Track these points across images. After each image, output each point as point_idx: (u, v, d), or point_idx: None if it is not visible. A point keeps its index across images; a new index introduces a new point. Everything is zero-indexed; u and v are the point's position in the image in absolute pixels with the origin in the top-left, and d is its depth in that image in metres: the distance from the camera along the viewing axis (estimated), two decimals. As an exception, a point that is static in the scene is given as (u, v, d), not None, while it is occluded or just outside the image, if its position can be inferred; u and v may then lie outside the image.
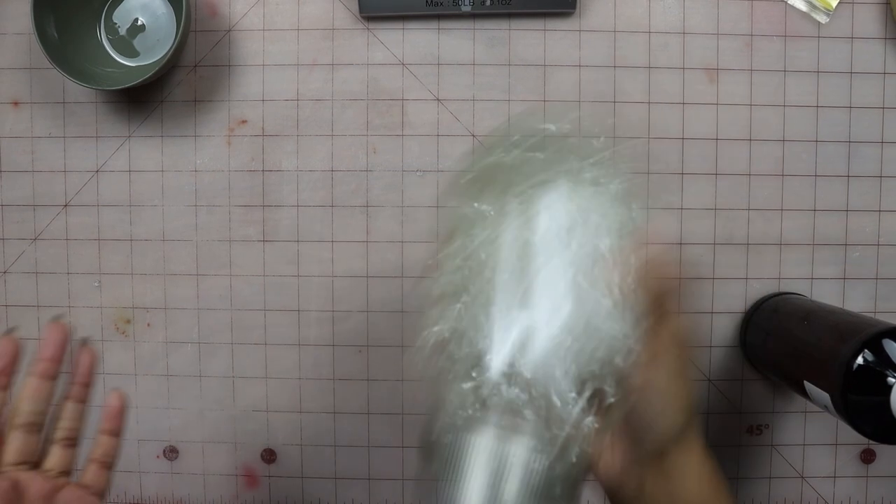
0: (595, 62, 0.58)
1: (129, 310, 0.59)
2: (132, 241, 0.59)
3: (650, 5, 0.58)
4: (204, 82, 0.58)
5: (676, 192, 0.59)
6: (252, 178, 0.58)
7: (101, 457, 0.40)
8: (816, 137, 0.58)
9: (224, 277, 0.58)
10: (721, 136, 0.58)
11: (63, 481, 0.37)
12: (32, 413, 0.37)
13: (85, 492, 0.38)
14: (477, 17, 0.58)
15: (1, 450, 0.36)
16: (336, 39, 0.58)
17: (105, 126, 0.58)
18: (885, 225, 0.59)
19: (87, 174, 0.58)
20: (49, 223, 0.59)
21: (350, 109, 0.58)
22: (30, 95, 0.58)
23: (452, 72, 0.58)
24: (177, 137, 0.58)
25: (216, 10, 0.58)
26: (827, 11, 0.57)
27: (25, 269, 0.59)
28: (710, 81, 0.58)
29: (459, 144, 0.58)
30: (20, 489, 0.35)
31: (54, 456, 0.38)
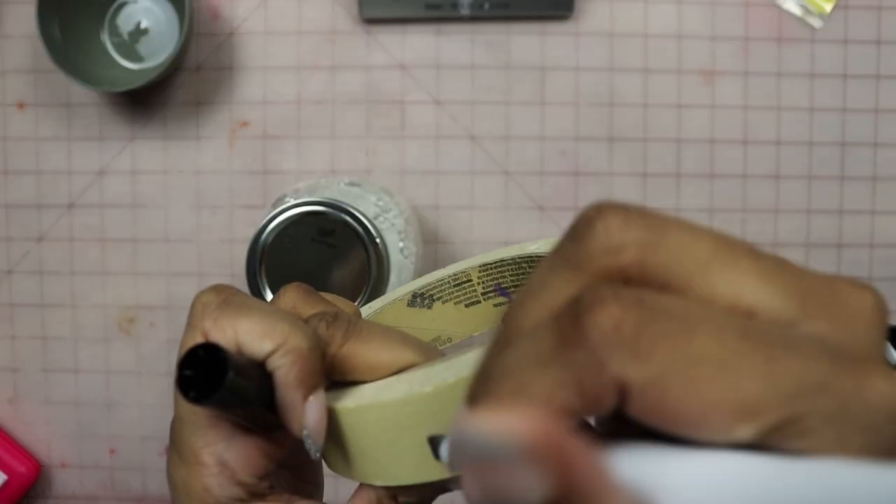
0: (592, 65, 0.59)
1: (133, 309, 0.60)
2: (135, 241, 0.59)
3: (646, 9, 0.58)
4: (206, 85, 0.59)
5: (673, 193, 0.59)
6: (254, 179, 0.59)
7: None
8: (811, 140, 0.59)
9: (226, 277, 0.59)
10: (716, 139, 0.59)
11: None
12: None
13: None
14: (475, 21, 0.58)
15: None
16: (336, 42, 0.59)
17: (109, 128, 0.59)
18: (878, 226, 0.60)
19: (91, 175, 0.59)
20: (53, 224, 0.59)
21: (350, 111, 0.59)
22: (35, 97, 0.59)
23: (451, 74, 0.59)
24: (179, 139, 0.59)
25: (218, 14, 0.59)
26: (821, 16, 0.58)
27: (30, 268, 0.59)
28: (705, 84, 0.59)
29: (459, 146, 0.59)
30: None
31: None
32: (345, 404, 0.26)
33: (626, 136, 0.59)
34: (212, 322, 0.27)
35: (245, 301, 0.27)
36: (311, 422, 0.26)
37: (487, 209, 0.59)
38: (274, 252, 0.47)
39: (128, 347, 0.60)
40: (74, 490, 0.60)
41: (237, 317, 0.26)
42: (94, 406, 0.60)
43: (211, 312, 0.27)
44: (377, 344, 0.27)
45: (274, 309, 0.27)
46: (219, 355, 0.24)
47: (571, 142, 0.59)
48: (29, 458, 0.58)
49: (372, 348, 0.27)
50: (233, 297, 0.27)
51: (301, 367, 0.25)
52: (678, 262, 0.16)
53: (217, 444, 0.27)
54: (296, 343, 0.26)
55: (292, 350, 0.25)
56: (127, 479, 0.60)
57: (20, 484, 0.58)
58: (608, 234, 0.16)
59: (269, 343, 0.26)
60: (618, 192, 0.59)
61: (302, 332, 0.26)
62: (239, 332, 0.26)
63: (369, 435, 0.26)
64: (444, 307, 0.37)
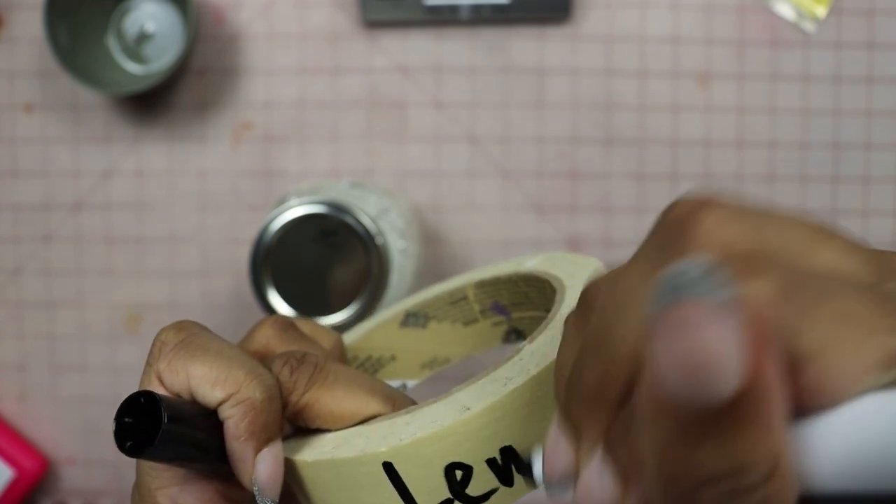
0: (589, 68, 0.60)
1: (139, 308, 0.61)
2: (141, 241, 0.60)
3: (643, 13, 0.59)
4: (210, 87, 0.60)
5: (669, 194, 0.60)
6: (257, 180, 0.60)
7: None
8: (804, 142, 0.60)
9: (230, 277, 0.60)
10: (711, 141, 0.60)
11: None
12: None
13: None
14: (475, 25, 0.59)
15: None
16: (338, 46, 0.60)
17: (115, 130, 0.60)
18: (871, 226, 0.61)
19: (97, 176, 0.60)
20: (60, 224, 0.60)
21: (352, 113, 0.60)
22: (42, 100, 0.60)
23: (451, 77, 0.60)
24: (184, 141, 0.60)
25: (222, 18, 0.59)
26: (814, 21, 0.59)
27: (38, 268, 0.60)
28: (701, 87, 0.60)
29: (458, 148, 0.60)
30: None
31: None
32: (303, 457, 0.25)
33: (623, 138, 0.60)
34: (166, 364, 0.25)
35: (204, 343, 0.26)
36: (262, 476, 0.24)
37: (486, 210, 0.60)
38: (277, 252, 0.48)
39: (134, 346, 0.61)
40: (82, 486, 0.61)
41: (191, 361, 0.25)
42: (100, 403, 0.61)
43: (167, 353, 0.26)
44: (341, 392, 0.26)
45: (233, 353, 0.26)
46: (156, 404, 0.23)
47: (569, 143, 0.60)
48: (37, 455, 0.59)
49: (335, 397, 0.26)
50: (193, 338, 0.26)
51: (252, 419, 0.24)
52: (783, 249, 0.16)
53: (171, 487, 0.26)
54: (248, 393, 0.24)
55: (244, 400, 0.24)
56: (133, 475, 0.61)
57: (28, 480, 0.59)
58: (718, 229, 0.16)
59: (221, 391, 0.24)
60: (615, 193, 0.60)
61: (258, 381, 0.25)
62: (191, 378, 0.25)
63: (329, 490, 0.25)
64: (441, 326, 0.35)
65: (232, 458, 0.25)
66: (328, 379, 0.26)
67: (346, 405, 0.26)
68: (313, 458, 0.25)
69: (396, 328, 0.35)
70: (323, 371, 0.26)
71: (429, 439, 0.23)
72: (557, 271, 0.30)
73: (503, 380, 0.24)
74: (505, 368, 0.24)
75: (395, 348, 0.35)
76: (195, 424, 0.25)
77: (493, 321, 0.34)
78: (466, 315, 0.35)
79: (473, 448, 0.23)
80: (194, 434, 0.24)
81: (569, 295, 0.28)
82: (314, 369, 0.26)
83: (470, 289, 0.34)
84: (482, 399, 0.23)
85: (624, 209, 0.60)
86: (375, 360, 0.35)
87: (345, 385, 0.26)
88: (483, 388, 0.24)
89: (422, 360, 0.35)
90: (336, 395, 0.26)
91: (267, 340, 0.28)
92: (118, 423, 0.24)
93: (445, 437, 0.23)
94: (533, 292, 0.32)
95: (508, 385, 0.23)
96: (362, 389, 0.26)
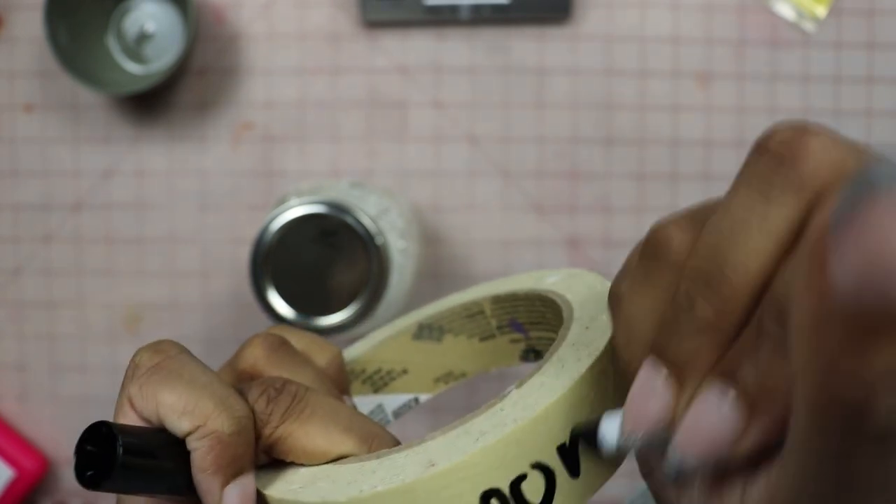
0: (589, 68, 0.60)
1: (139, 308, 0.61)
2: (141, 241, 0.60)
3: (643, 13, 0.59)
4: (210, 87, 0.60)
5: (669, 194, 0.60)
6: (257, 180, 0.60)
7: None
8: (804, 142, 0.60)
9: (230, 277, 0.60)
10: (712, 141, 0.60)
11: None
12: None
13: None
14: (475, 25, 0.59)
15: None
16: (338, 46, 0.60)
17: (115, 130, 0.60)
18: (871, 227, 0.61)
19: (97, 176, 0.60)
20: (60, 224, 0.60)
21: (352, 114, 0.60)
22: (42, 100, 0.60)
23: (451, 77, 0.60)
24: (184, 141, 0.60)
25: (222, 18, 0.60)
26: (814, 21, 0.59)
27: (38, 268, 0.60)
28: (701, 87, 0.60)
29: (458, 148, 0.60)
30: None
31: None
32: (271, 492, 0.24)
33: (623, 138, 0.60)
34: (137, 388, 0.25)
35: (178, 368, 0.25)
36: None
37: (486, 210, 0.60)
38: (277, 252, 0.48)
39: (134, 346, 0.60)
40: (81, 486, 0.61)
41: (162, 387, 0.24)
42: (100, 403, 0.61)
43: (139, 377, 0.25)
44: (316, 428, 0.25)
45: (206, 381, 0.25)
46: (113, 435, 0.22)
47: (569, 143, 0.60)
48: (37, 455, 0.59)
49: (308, 433, 0.25)
50: (167, 362, 0.25)
51: (219, 453, 0.24)
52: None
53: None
54: (216, 426, 0.24)
55: (211, 433, 0.24)
56: (132, 474, 0.61)
57: (28, 480, 0.59)
58: (826, 151, 0.16)
59: (188, 422, 0.24)
60: (615, 193, 0.60)
61: (227, 413, 0.24)
62: (160, 405, 0.24)
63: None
64: (457, 340, 0.33)
65: (199, 490, 0.24)
66: (304, 412, 0.25)
67: (318, 442, 0.25)
68: (280, 495, 0.24)
69: (409, 340, 0.34)
70: (300, 403, 0.25)
71: (388, 494, 0.22)
72: (572, 296, 0.29)
73: (477, 433, 0.22)
74: (483, 418, 0.23)
75: (408, 362, 0.34)
76: (162, 454, 0.24)
77: (511, 338, 0.33)
78: (483, 330, 0.33)
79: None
80: (160, 464, 0.24)
81: (573, 330, 0.26)
82: (291, 401, 0.25)
83: (486, 303, 0.33)
84: (450, 454, 0.22)
85: (624, 209, 0.60)
86: (385, 372, 0.34)
87: (321, 420, 0.25)
88: (455, 441, 0.23)
89: (436, 375, 0.34)
90: (310, 431, 0.25)
91: (255, 360, 0.27)
92: (79, 452, 0.23)
93: (404, 493, 0.22)
94: (549, 313, 0.31)
95: (479, 441, 0.22)
96: (339, 427, 0.25)
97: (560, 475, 0.22)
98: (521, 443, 0.22)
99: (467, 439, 0.22)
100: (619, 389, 0.23)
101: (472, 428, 0.23)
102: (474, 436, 0.22)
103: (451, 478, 0.21)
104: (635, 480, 0.63)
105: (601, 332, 0.25)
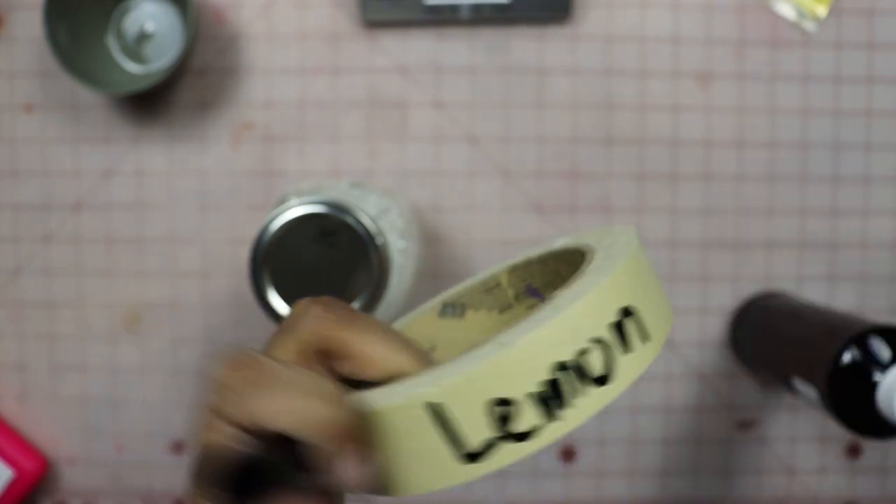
0: (589, 68, 0.60)
1: (139, 308, 0.61)
2: (141, 241, 0.60)
3: (643, 13, 0.59)
4: (210, 87, 0.60)
5: (669, 194, 0.60)
6: (257, 180, 0.60)
7: None
8: (804, 142, 0.60)
9: (230, 277, 0.60)
10: (712, 141, 0.60)
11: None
12: None
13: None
14: (475, 25, 0.59)
15: None
16: (338, 46, 0.60)
17: (115, 130, 0.60)
18: (871, 226, 0.61)
19: (97, 176, 0.60)
20: (60, 224, 0.60)
21: (352, 114, 0.60)
22: (42, 100, 0.60)
23: (451, 77, 0.60)
24: (184, 141, 0.60)
25: (222, 18, 0.59)
26: (815, 20, 0.59)
27: (38, 268, 0.60)
28: (701, 87, 0.60)
29: (458, 148, 0.60)
30: None
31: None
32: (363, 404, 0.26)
33: (623, 138, 0.60)
34: (228, 402, 0.25)
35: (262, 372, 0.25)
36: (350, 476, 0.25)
37: (486, 210, 0.60)
38: (277, 252, 0.48)
39: (134, 346, 0.61)
40: (81, 486, 0.61)
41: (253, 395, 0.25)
42: (100, 403, 0.61)
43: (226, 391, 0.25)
44: (375, 338, 0.27)
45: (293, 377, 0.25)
46: (259, 465, 0.24)
47: (569, 144, 0.60)
48: (36, 455, 0.59)
49: (367, 341, 0.27)
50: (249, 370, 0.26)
51: (331, 436, 0.25)
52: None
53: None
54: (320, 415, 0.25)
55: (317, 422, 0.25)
56: (133, 475, 0.61)
57: (28, 480, 0.59)
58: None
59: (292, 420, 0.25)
60: (615, 193, 0.60)
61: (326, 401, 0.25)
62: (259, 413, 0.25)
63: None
64: (477, 315, 0.35)
65: (318, 470, 0.25)
66: (360, 322, 0.27)
67: (378, 351, 0.26)
68: (372, 400, 0.25)
69: (435, 318, 0.35)
70: (357, 315, 0.27)
71: (475, 375, 0.23)
72: (588, 240, 0.31)
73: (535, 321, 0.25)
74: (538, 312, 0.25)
75: (435, 338, 0.35)
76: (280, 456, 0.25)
77: (528, 304, 0.35)
78: (501, 302, 0.35)
79: (518, 380, 0.23)
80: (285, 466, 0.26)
81: (598, 255, 0.28)
82: (347, 311, 0.27)
83: (503, 275, 0.35)
84: (521, 333, 0.24)
85: (624, 209, 0.60)
86: None
87: (379, 333, 0.27)
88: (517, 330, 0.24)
89: (461, 349, 0.35)
90: (368, 340, 0.27)
91: (318, 323, 0.27)
92: (225, 483, 0.25)
93: (489, 372, 0.23)
94: (563, 268, 0.33)
95: (545, 319, 0.24)
96: (397, 342, 0.27)
97: (616, 349, 0.25)
98: (579, 318, 0.24)
99: (528, 325, 0.24)
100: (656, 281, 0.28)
101: (532, 317, 0.25)
102: (534, 322, 0.24)
103: (527, 352, 0.23)
104: (635, 479, 0.64)
105: (625, 245, 0.28)
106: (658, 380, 0.61)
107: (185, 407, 0.61)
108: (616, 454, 0.61)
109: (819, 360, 0.47)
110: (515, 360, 0.23)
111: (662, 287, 0.24)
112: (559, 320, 0.24)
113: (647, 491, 0.62)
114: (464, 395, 0.23)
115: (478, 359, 0.24)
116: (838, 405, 0.46)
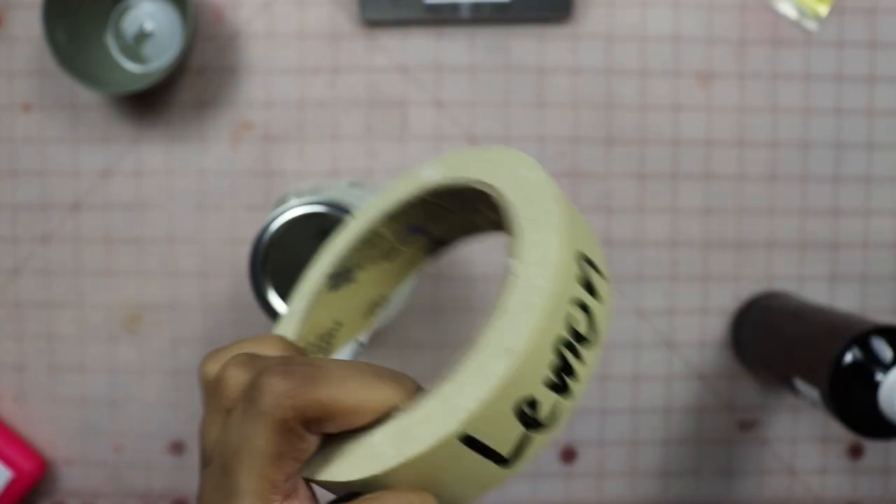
0: (590, 67, 0.59)
1: (138, 308, 0.60)
2: (140, 241, 0.60)
3: (644, 12, 0.59)
4: (209, 87, 0.60)
5: (669, 194, 0.60)
6: (256, 179, 0.60)
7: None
8: (805, 141, 0.60)
9: (229, 277, 0.60)
10: (712, 140, 0.60)
11: None
12: None
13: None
14: (475, 24, 0.59)
15: None
16: (338, 45, 0.59)
17: (113, 129, 0.60)
18: (871, 226, 0.60)
19: (96, 176, 0.60)
20: (59, 224, 0.60)
21: (352, 113, 0.60)
22: (40, 99, 0.60)
23: (451, 76, 0.60)
24: (183, 140, 0.60)
25: (221, 17, 0.59)
26: (816, 19, 0.59)
27: (36, 268, 0.60)
28: (701, 86, 0.60)
29: (458, 147, 0.60)
30: None
31: None
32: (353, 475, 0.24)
33: (624, 138, 0.60)
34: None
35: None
36: None
37: (487, 210, 0.60)
38: (276, 251, 0.48)
39: (133, 346, 0.61)
40: (80, 487, 0.61)
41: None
42: (99, 404, 0.61)
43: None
44: (351, 384, 0.24)
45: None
46: None
47: (569, 143, 0.60)
48: (35, 456, 0.59)
49: (346, 389, 0.23)
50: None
51: None
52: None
53: None
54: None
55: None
56: (131, 475, 0.61)
57: (26, 481, 0.58)
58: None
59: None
60: (615, 192, 0.60)
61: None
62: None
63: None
64: (367, 272, 0.34)
65: None
66: (331, 374, 0.23)
67: (360, 395, 0.23)
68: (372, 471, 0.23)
69: (328, 294, 0.33)
70: (319, 368, 0.24)
71: (497, 392, 0.22)
72: (468, 173, 0.29)
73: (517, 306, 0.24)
74: (512, 294, 0.24)
75: (337, 314, 0.33)
76: None
77: (412, 242, 0.33)
78: (386, 251, 0.33)
79: (532, 376, 0.23)
80: None
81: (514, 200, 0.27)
82: (309, 368, 0.23)
83: (382, 227, 0.33)
84: (514, 335, 0.23)
85: (624, 209, 0.60)
86: (325, 333, 0.33)
87: (351, 375, 0.24)
88: (497, 326, 0.23)
89: (362, 311, 0.34)
90: (347, 388, 0.23)
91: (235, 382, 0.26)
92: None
93: (511, 384, 0.22)
94: (448, 201, 0.31)
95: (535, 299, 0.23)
96: (371, 376, 0.24)
97: (591, 302, 0.24)
98: (559, 284, 0.23)
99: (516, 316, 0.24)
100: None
101: (505, 305, 0.24)
102: (522, 308, 0.24)
103: (532, 345, 0.23)
104: (635, 480, 0.63)
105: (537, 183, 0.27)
106: (659, 380, 0.61)
107: (184, 408, 0.61)
108: (616, 455, 0.61)
109: (820, 360, 0.47)
110: (525, 360, 0.23)
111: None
112: (547, 298, 0.23)
113: (647, 491, 0.62)
114: (490, 415, 0.23)
115: (486, 373, 0.23)
116: (840, 405, 0.46)
